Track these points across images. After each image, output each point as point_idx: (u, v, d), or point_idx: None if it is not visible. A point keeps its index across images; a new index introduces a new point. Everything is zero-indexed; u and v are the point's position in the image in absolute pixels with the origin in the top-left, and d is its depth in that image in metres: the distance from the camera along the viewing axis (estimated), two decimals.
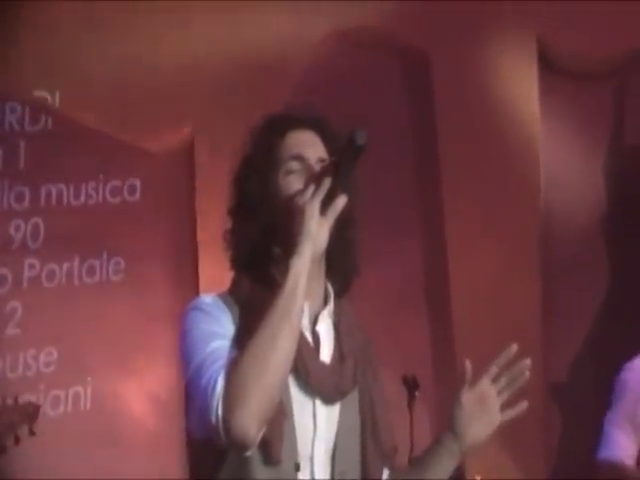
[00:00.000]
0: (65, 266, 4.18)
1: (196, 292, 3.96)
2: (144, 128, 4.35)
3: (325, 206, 1.66)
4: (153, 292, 4.21)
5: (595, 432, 3.27)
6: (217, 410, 1.54)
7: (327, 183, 1.66)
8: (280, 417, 1.62)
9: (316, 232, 1.64)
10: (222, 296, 1.74)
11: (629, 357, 3.31)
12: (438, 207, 4.57)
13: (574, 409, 4.48)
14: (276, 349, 1.55)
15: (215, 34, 4.39)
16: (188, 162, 4.43)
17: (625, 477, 3.09)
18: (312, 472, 1.69)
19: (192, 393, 1.63)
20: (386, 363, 4.02)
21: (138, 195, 4.35)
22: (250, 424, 1.53)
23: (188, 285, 4.18)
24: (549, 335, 4.45)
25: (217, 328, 1.67)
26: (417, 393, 3.55)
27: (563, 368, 4.55)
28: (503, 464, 4.21)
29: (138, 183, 4.35)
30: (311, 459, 1.68)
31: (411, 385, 3.55)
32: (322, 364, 1.71)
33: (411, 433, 3.49)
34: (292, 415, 1.65)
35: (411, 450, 3.39)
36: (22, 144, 4.23)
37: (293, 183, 1.74)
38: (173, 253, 4.34)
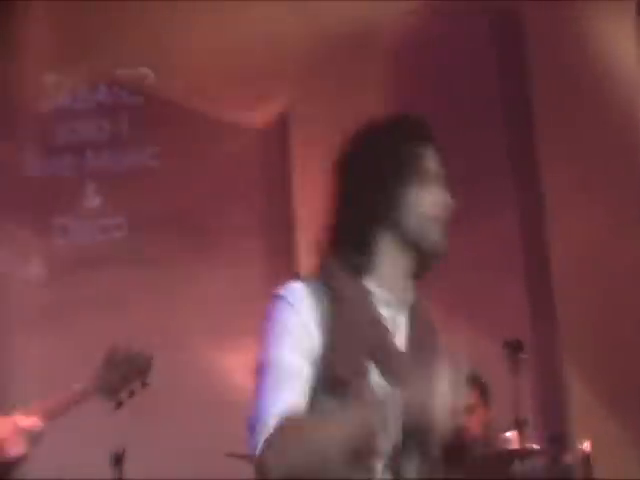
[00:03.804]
0: (163, 241, 4.30)
1: (291, 266, 4.01)
2: (239, 103, 4.40)
3: None
4: (248, 266, 4.28)
5: None
6: (259, 447, 1.62)
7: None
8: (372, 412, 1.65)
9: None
10: (311, 283, 1.75)
11: None
12: (535, 170, 4.50)
13: None
14: (326, 466, 1.60)
15: (307, 7, 4.39)
16: (283, 136, 4.46)
17: None
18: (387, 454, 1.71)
19: (256, 390, 1.70)
20: (486, 330, 4.06)
21: (233, 170, 4.42)
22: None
23: (282, 259, 4.23)
24: None
25: (297, 331, 1.70)
26: (521, 356, 3.52)
27: None
28: (611, 430, 4.15)
29: (233, 158, 4.41)
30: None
31: (515, 348, 3.52)
32: (399, 353, 1.75)
33: (516, 398, 3.46)
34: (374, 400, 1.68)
35: (516, 415, 3.37)
36: (125, 117, 4.38)
37: (427, 197, 1.76)
38: (268, 227, 4.40)
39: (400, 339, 1.78)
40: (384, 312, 1.75)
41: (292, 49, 4.39)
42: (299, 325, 1.72)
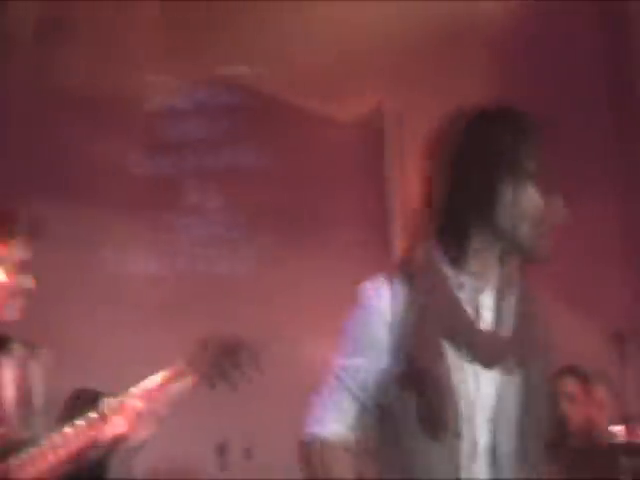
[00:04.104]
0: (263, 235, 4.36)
1: (387, 259, 4.01)
2: (337, 98, 4.43)
3: None
4: (349, 259, 4.30)
5: None
6: (305, 433, 1.79)
7: None
8: (440, 391, 1.69)
9: None
10: (391, 277, 1.77)
11: None
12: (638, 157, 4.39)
13: None
14: None
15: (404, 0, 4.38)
16: (380, 129, 4.47)
17: None
18: (474, 436, 1.73)
19: (326, 378, 1.81)
20: (589, 321, 3.98)
21: (331, 164, 4.45)
22: None
23: (381, 251, 4.24)
24: None
25: (369, 334, 1.75)
26: (627, 347, 3.44)
27: None
28: None
29: (332, 153, 4.45)
30: (473, 423, 1.73)
31: (621, 340, 3.45)
32: (479, 331, 1.75)
33: (622, 390, 3.39)
34: (450, 382, 1.70)
35: (623, 408, 3.31)
36: (227, 115, 4.48)
37: (525, 197, 1.73)
38: (366, 221, 4.41)
39: (486, 321, 1.77)
40: (465, 295, 1.75)
41: (390, 42, 4.39)
42: (371, 327, 1.76)
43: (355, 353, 1.76)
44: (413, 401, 1.70)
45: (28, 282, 2.42)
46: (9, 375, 2.45)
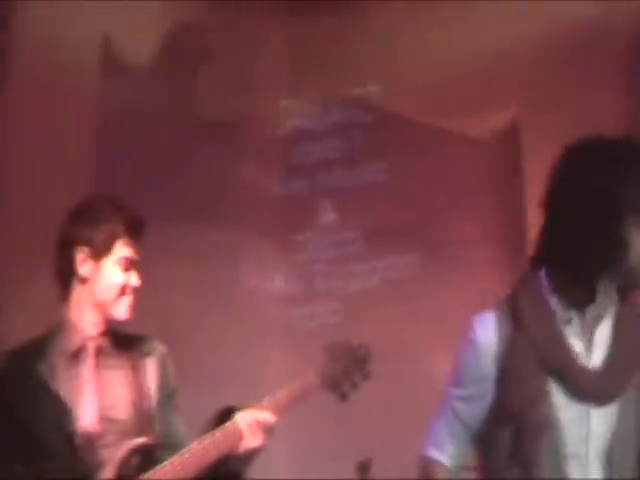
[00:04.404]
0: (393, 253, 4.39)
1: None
2: (468, 113, 4.41)
3: None
4: (480, 278, 4.26)
5: None
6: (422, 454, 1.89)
7: None
8: (539, 428, 1.69)
9: None
10: (499, 310, 1.80)
11: None
12: None
13: None
14: None
15: (535, 10, 4.28)
16: (513, 146, 4.41)
17: None
18: (586, 471, 1.71)
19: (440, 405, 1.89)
20: None
21: (462, 181, 4.43)
22: None
23: (514, 270, 4.17)
24: None
25: (477, 368, 1.79)
26: None
27: None
28: None
29: (463, 169, 4.43)
30: (586, 458, 1.70)
31: None
32: (588, 369, 1.73)
33: None
34: (558, 421, 1.70)
35: None
36: (356, 135, 4.54)
37: None
38: (500, 237, 4.36)
39: (597, 356, 1.75)
40: (574, 330, 1.74)
41: (522, 54, 4.31)
42: (479, 361, 1.80)
43: (465, 385, 1.81)
44: (514, 435, 1.71)
45: (136, 280, 2.47)
46: (152, 374, 2.49)
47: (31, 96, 3.92)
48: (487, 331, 1.78)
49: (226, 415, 2.47)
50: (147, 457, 2.38)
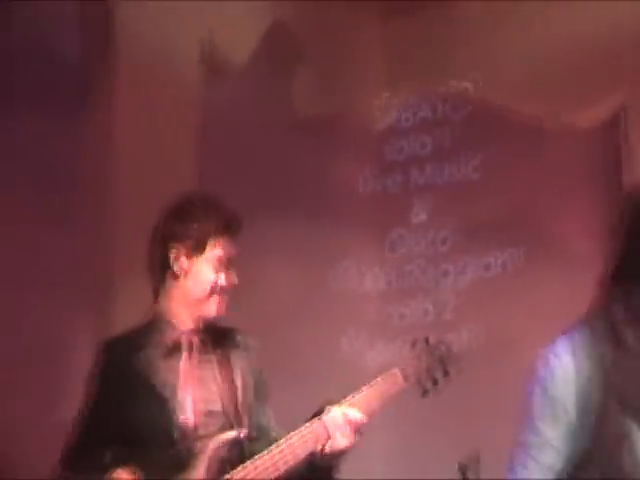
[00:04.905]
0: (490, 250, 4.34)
1: None
2: (567, 106, 4.31)
3: None
4: (583, 272, 4.15)
5: None
6: None
7: None
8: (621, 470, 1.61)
9: None
10: (573, 344, 1.70)
11: None
12: None
13: None
14: None
15: None
16: (617, 137, 4.29)
17: None
18: None
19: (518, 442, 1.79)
20: None
21: (562, 175, 4.33)
22: None
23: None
24: None
25: (554, 408, 1.69)
26: None
27: None
28: None
29: (561, 164, 4.33)
30: None
31: None
32: None
33: None
34: (634, 462, 1.61)
35: None
36: (452, 130, 4.51)
37: None
38: (601, 231, 4.23)
39: None
40: None
41: (628, 42, 4.19)
42: (555, 399, 1.70)
43: (544, 426, 1.72)
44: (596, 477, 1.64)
45: (228, 279, 2.48)
46: (244, 368, 2.51)
47: (135, 94, 3.99)
48: (563, 369, 1.69)
49: (318, 412, 2.46)
50: (240, 450, 2.41)
